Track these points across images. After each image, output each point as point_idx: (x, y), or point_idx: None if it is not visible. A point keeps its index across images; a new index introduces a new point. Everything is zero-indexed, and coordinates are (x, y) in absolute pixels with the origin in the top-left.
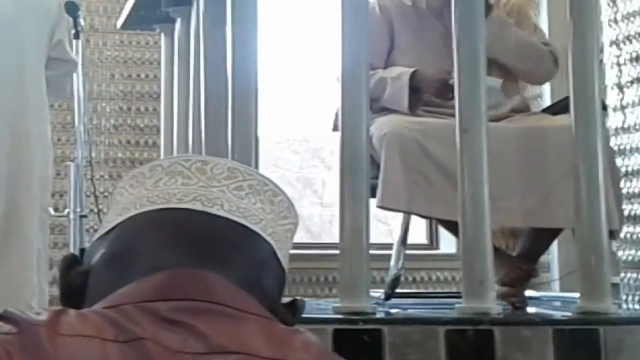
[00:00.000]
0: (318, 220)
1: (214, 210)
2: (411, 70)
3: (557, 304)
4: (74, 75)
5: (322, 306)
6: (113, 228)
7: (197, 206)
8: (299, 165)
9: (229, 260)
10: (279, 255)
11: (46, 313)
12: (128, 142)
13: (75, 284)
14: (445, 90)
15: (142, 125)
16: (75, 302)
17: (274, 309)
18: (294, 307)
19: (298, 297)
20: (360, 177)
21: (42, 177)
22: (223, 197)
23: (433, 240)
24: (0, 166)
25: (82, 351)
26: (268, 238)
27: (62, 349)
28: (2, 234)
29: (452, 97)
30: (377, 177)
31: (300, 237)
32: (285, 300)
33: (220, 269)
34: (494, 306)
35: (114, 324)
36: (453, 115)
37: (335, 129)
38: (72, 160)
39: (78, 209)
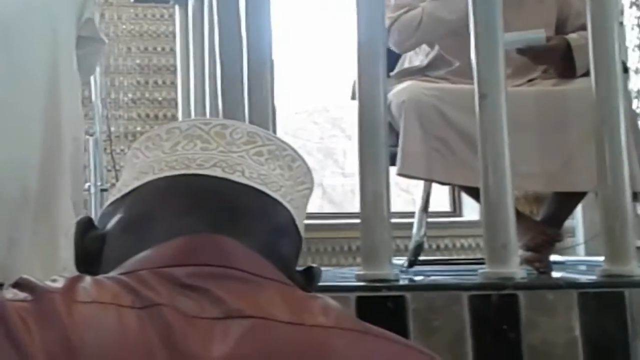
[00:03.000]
0: (340, 190)
1: (234, 177)
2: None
3: (583, 268)
4: None
5: (345, 274)
6: (130, 192)
7: (218, 172)
8: (319, 135)
9: (248, 227)
10: (297, 222)
11: (62, 280)
12: (147, 115)
13: (91, 248)
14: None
15: (160, 99)
16: (91, 267)
17: (292, 276)
18: (311, 275)
19: (314, 265)
20: (379, 145)
21: (75, 154)
22: (244, 163)
23: (456, 208)
24: (35, 142)
25: (98, 318)
26: (287, 205)
27: (78, 316)
28: (37, 212)
29: None
30: (396, 145)
31: (322, 206)
32: (301, 268)
33: (240, 235)
34: (518, 271)
35: (131, 290)
36: (469, 82)
37: (353, 97)
38: (91, 135)
39: (99, 183)
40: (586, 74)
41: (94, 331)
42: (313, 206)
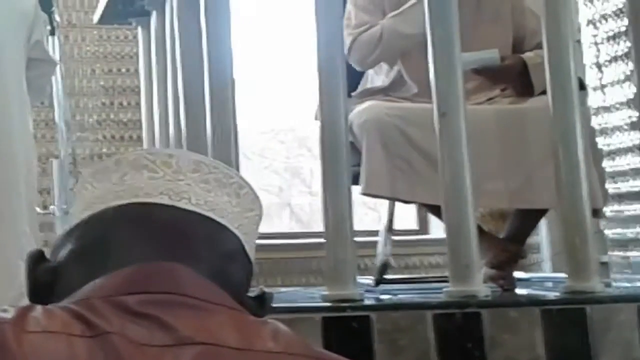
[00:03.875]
0: (308, 209)
1: (181, 204)
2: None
3: (548, 284)
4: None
5: (313, 294)
6: (80, 223)
7: (165, 200)
8: (285, 154)
9: (197, 253)
10: (247, 247)
11: (13, 310)
12: (112, 137)
13: (43, 280)
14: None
15: (125, 120)
16: (44, 299)
17: (243, 302)
18: (262, 300)
19: (266, 290)
20: (341, 165)
21: (28, 178)
22: (190, 191)
23: (423, 225)
24: None
25: (48, 347)
26: (236, 231)
27: (28, 346)
28: None
29: None
30: (359, 165)
31: (291, 226)
32: (254, 292)
33: (189, 262)
34: (482, 289)
35: (81, 318)
36: (430, 101)
37: (317, 117)
38: (55, 157)
39: (64, 206)
40: (545, 91)
41: None
42: (281, 225)
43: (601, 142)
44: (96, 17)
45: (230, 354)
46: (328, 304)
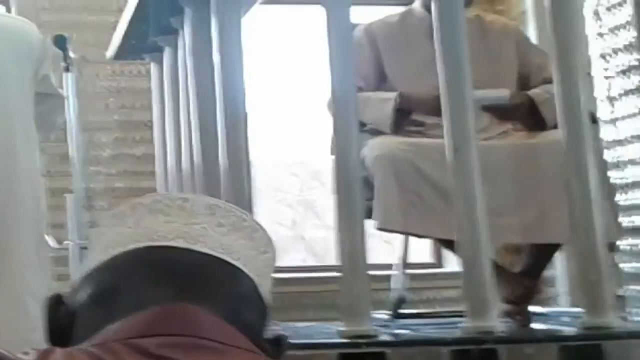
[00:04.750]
0: (322, 243)
1: (197, 247)
2: (396, 92)
3: (566, 319)
4: (68, 107)
5: (330, 329)
6: (97, 267)
7: (181, 243)
8: (299, 187)
9: (214, 295)
10: (261, 290)
11: (34, 353)
12: (126, 171)
13: (62, 324)
14: (436, 107)
15: (139, 154)
16: (63, 342)
17: (259, 344)
18: (278, 342)
19: (282, 332)
20: (355, 200)
21: (35, 212)
22: (206, 235)
23: (438, 259)
24: None
25: None
26: (250, 273)
27: None
28: None
29: None
30: (372, 199)
31: (306, 259)
32: (269, 335)
33: (207, 304)
34: (498, 324)
35: None
36: (441, 136)
37: (332, 152)
38: (70, 192)
39: (78, 241)
40: (556, 125)
41: None
42: (296, 259)
43: (614, 175)
44: (110, 52)
45: None
46: (344, 340)
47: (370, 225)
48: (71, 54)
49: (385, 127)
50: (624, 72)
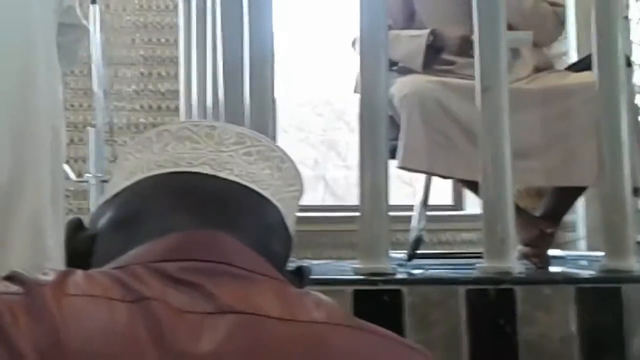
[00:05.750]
0: (343, 182)
1: (223, 174)
2: (429, 29)
3: (583, 263)
4: (93, 40)
5: (344, 267)
6: (120, 192)
7: (207, 170)
8: (322, 127)
9: (239, 223)
10: (287, 221)
11: (53, 274)
12: (150, 107)
13: (82, 248)
14: (466, 47)
15: (163, 90)
16: (82, 267)
17: (283, 274)
18: (301, 274)
19: (304, 264)
20: (380, 139)
21: (54, 144)
22: (232, 162)
23: (458, 201)
24: (3, 136)
25: (88, 311)
26: (277, 204)
27: (67, 309)
28: (10, 197)
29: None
30: (397, 139)
31: (325, 199)
32: (292, 266)
33: (231, 231)
34: (516, 265)
35: (122, 283)
36: (471, 76)
37: (356, 90)
38: (92, 126)
39: (99, 174)
40: (588, 67)
41: (83, 324)
42: (315, 199)
43: None
44: None
45: (272, 323)
46: (360, 277)
47: (392, 165)
48: None
49: (416, 64)
50: None
